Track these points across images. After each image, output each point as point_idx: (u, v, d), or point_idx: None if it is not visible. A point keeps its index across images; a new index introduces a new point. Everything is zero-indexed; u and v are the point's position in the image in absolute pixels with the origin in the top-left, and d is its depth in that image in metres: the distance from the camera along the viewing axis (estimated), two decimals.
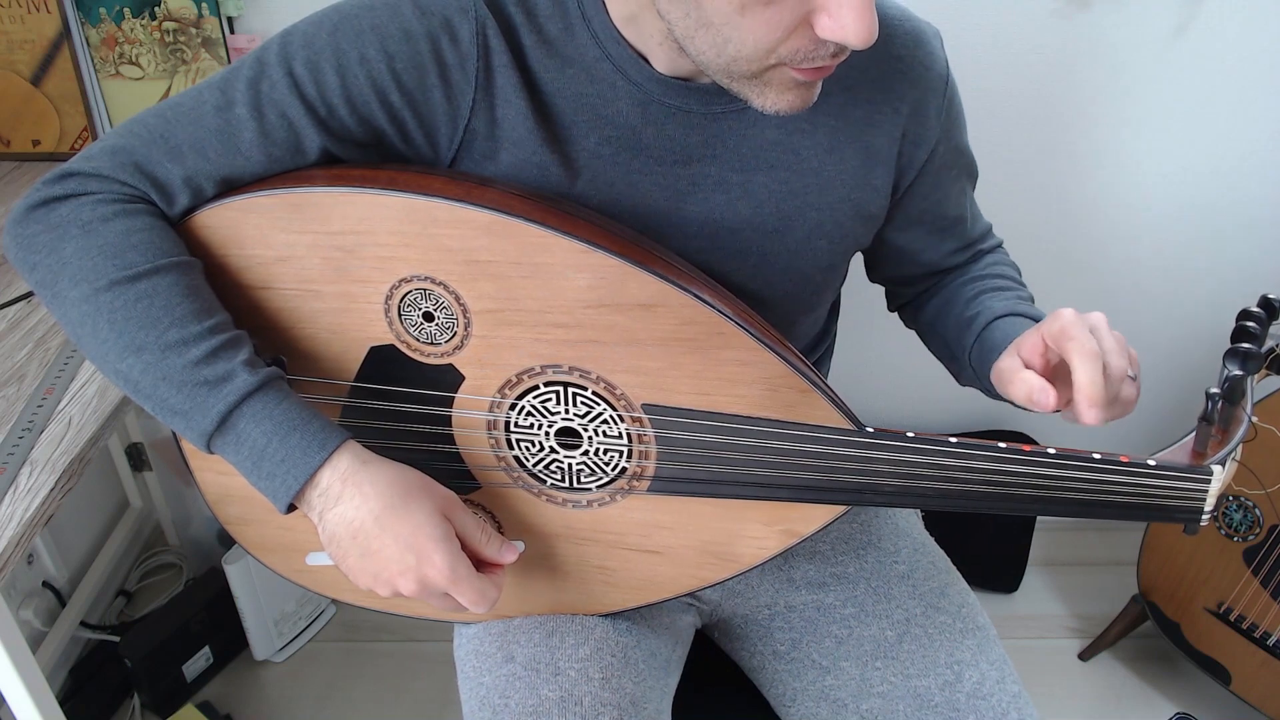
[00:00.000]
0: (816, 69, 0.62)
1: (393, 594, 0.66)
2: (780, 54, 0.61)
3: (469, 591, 0.65)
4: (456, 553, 0.65)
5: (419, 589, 0.65)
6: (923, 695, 0.81)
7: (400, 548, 0.64)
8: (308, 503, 0.65)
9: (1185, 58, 1.40)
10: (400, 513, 0.64)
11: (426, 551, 0.64)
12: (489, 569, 0.69)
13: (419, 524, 0.64)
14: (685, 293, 0.68)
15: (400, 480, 0.66)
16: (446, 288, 0.69)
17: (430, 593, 0.66)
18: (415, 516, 0.65)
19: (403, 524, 0.64)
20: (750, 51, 0.61)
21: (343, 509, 0.64)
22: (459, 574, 0.65)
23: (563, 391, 0.72)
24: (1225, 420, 0.68)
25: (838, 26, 0.58)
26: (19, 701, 0.93)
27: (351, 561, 0.66)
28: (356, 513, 0.64)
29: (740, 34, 0.60)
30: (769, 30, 0.59)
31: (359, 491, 0.64)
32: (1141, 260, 1.61)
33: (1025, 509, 0.69)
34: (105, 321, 0.65)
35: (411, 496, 0.65)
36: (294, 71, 0.68)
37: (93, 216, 0.67)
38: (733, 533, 0.77)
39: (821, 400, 0.70)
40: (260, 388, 0.64)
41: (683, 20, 0.62)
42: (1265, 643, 1.37)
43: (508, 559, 0.70)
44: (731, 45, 0.61)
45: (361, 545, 0.65)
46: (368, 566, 0.65)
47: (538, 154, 0.72)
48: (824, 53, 0.61)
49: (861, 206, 0.80)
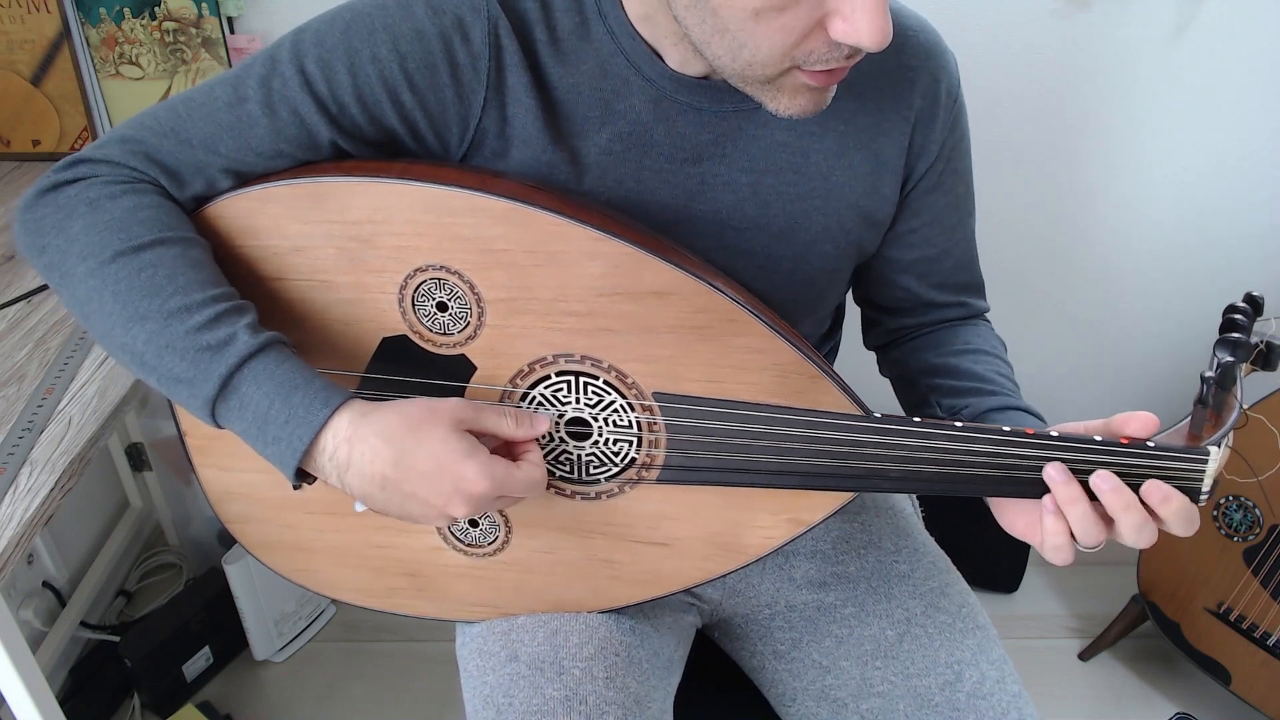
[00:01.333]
0: (829, 72, 0.63)
1: (451, 522, 0.66)
2: (795, 57, 0.62)
3: (516, 485, 0.66)
4: (486, 459, 0.65)
5: (471, 507, 0.65)
6: (923, 695, 0.81)
7: (431, 481, 0.63)
8: (321, 470, 0.64)
9: (1186, 58, 1.41)
10: (413, 450, 0.63)
11: (458, 473, 0.64)
12: (523, 448, 0.69)
13: (434, 452, 0.64)
14: (699, 280, 0.68)
15: (402, 419, 0.64)
16: (461, 277, 0.70)
17: (483, 505, 0.65)
18: (429, 446, 0.64)
19: (421, 459, 0.63)
20: (765, 56, 0.61)
21: (359, 467, 0.64)
22: (498, 476, 0.64)
23: (574, 381, 0.72)
24: (1219, 405, 0.70)
25: (852, 29, 0.58)
26: (19, 701, 0.93)
27: (396, 509, 0.65)
28: (373, 466, 0.63)
29: (755, 39, 0.60)
30: (784, 35, 0.60)
31: (367, 446, 0.63)
32: (1141, 258, 1.61)
33: (1029, 492, 0.69)
34: (110, 293, 0.65)
35: (418, 429, 0.64)
36: (306, 69, 0.68)
37: (100, 194, 0.67)
38: (740, 522, 0.77)
39: (831, 386, 0.70)
40: (262, 349, 0.64)
41: (699, 26, 0.62)
42: (1265, 643, 1.38)
43: (540, 429, 0.69)
44: (747, 50, 0.61)
45: (396, 492, 0.64)
46: (413, 508, 0.65)
47: (547, 152, 0.72)
48: (838, 55, 0.62)
49: (868, 213, 0.80)
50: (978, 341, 0.89)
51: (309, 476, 0.65)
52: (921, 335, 0.92)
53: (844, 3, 0.58)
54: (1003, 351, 0.90)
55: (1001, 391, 0.83)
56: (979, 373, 0.85)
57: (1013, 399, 0.82)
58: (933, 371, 0.88)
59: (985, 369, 0.85)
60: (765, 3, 0.58)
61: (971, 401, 0.82)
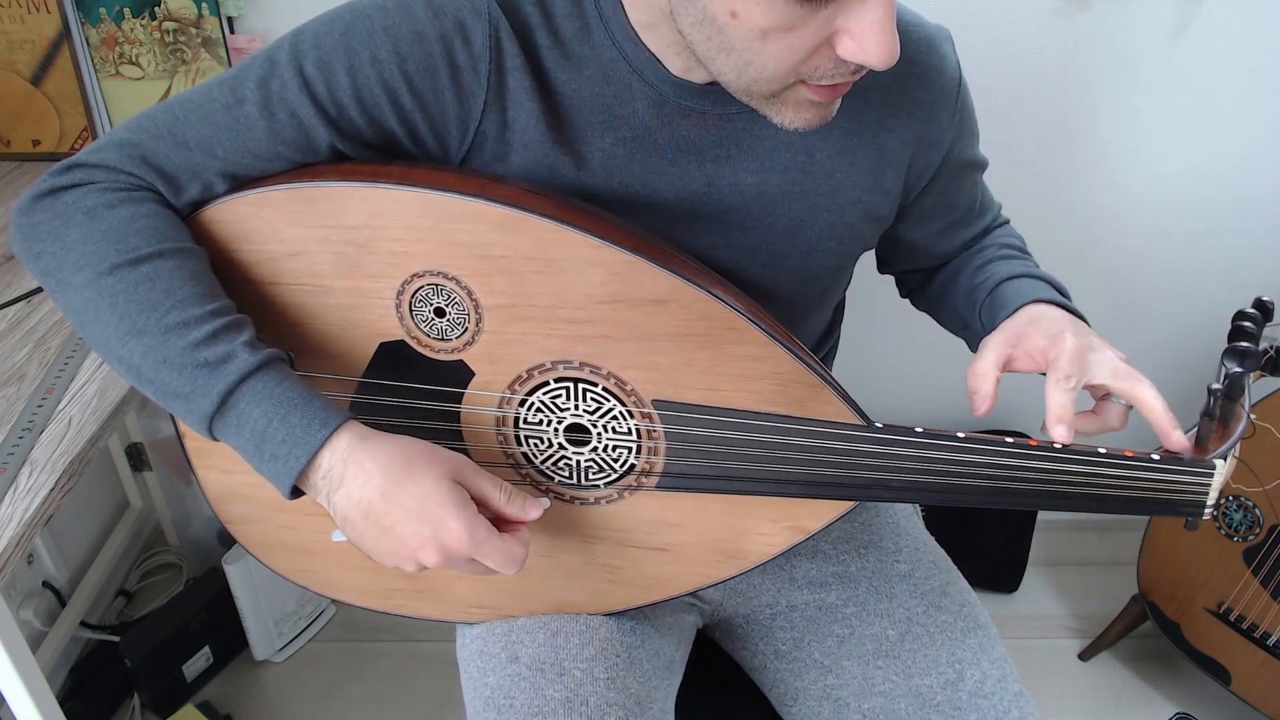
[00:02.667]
0: (834, 86, 0.63)
1: (418, 568, 0.64)
2: (801, 73, 0.62)
3: (494, 553, 0.64)
4: (473, 515, 0.64)
5: (442, 559, 0.64)
6: (924, 694, 0.81)
7: (413, 520, 0.63)
8: (313, 486, 0.65)
9: (1185, 57, 1.41)
10: (405, 485, 0.63)
11: (440, 519, 0.63)
12: (511, 527, 0.68)
13: (426, 492, 0.63)
14: (698, 288, 0.68)
15: (402, 452, 0.64)
16: (459, 283, 0.69)
17: (454, 561, 0.64)
18: (421, 485, 0.63)
19: (409, 496, 0.63)
20: (771, 73, 0.61)
21: (348, 490, 0.63)
22: (479, 537, 0.63)
23: (573, 387, 0.72)
24: (1225, 416, 0.70)
25: (860, 49, 0.58)
26: (19, 701, 0.93)
27: (370, 542, 0.65)
28: (362, 491, 0.63)
29: (762, 58, 0.60)
30: (791, 54, 0.60)
31: (361, 470, 0.63)
32: (1142, 259, 1.61)
33: (1031, 503, 0.69)
34: (107, 305, 0.65)
35: (415, 466, 0.64)
36: (304, 71, 0.68)
37: (98, 203, 0.67)
38: (740, 529, 0.77)
39: (832, 396, 0.70)
40: (260, 368, 0.64)
41: (704, 42, 0.62)
42: (1265, 643, 1.38)
43: (531, 515, 0.68)
44: (753, 68, 0.61)
45: (375, 524, 0.64)
46: (386, 545, 0.64)
47: (549, 156, 0.71)
48: (844, 71, 0.61)
49: (872, 209, 0.80)
50: (989, 244, 0.92)
51: (300, 491, 0.65)
52: (948, 265, 0.94)
53: (852, 22, 0.58)
54: (1005, 238, 0.92)
55: (999, 270, 0.85)
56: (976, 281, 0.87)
57: (1008, 268, 0.85)
58: (956, 297, 0.91)
59: (986, 265, 0.88)
60: (773, 22, 0.58)
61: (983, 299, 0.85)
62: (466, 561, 0.65)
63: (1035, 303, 0.78)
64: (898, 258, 0.94)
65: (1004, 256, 0.88)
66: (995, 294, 0.83)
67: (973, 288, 0.86)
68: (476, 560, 0.65)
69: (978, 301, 0.85)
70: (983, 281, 0.85)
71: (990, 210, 0.93)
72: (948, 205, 0.86)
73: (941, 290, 0.93)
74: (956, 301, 0.90)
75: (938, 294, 0.94)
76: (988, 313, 0.83)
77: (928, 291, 0.96)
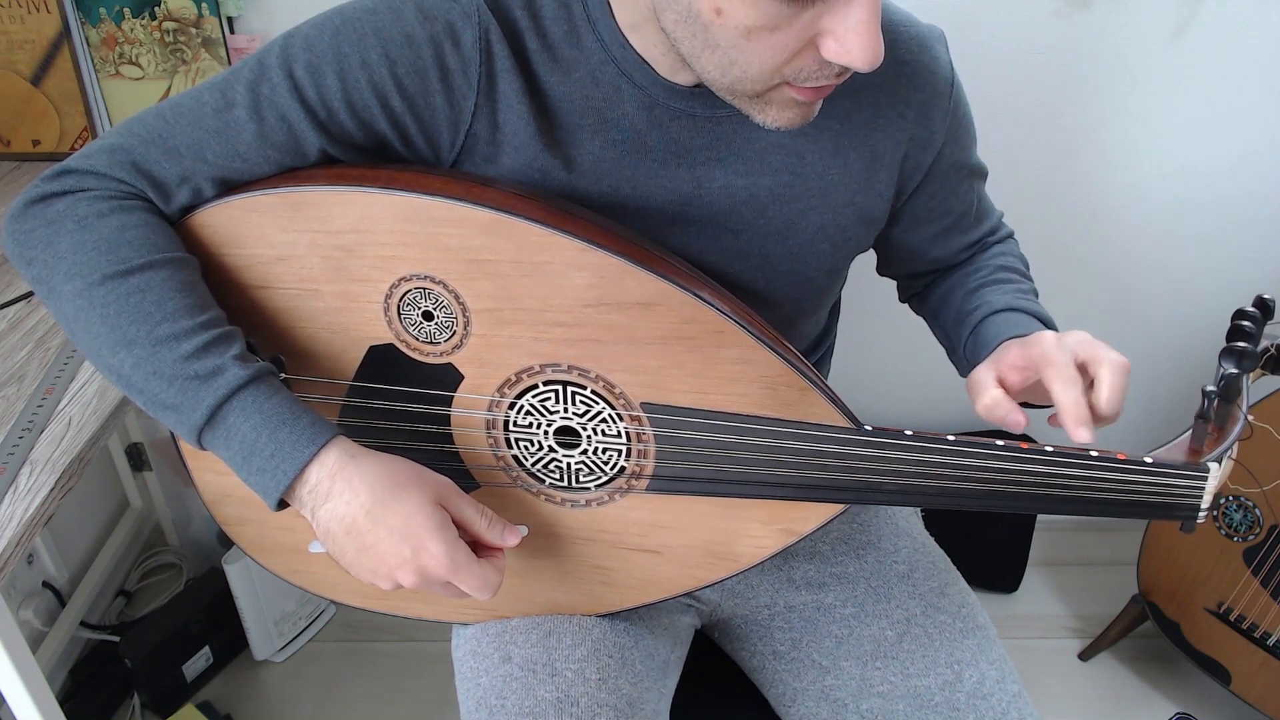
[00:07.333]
0: (818, 88, 0.63)
1: (394, 587, 0.65)
2: (785, 74, 0.62)
3: (470, 578, 0.65)
4: (453, 540, 0.65)
5: (419, 580, 0.65)
6: (923, 695, 0.81)
7: (395, 539, 0.64)
8: (299, 499, 0.65)
9: (1185, 57, 1.40)
10: (391, 504, 0.64)
11: (421, 541, 0.64)
12: (490, 554, 0.68)
13: (410, 514, 0.64)
14: (685, 291, 0.68)
15: (389, 472, 0.65)
16: (446, 287, 0.69)
17: (431, 583, 0.65)
18: (406, 506, 0.64)
19: (394, 515, 0.64)
20: (755, 73, 0.61)
21: (333, 505, 0.64)
22: (458, 561, 0.64)
23: (562, 390, 0.72)
24: (1221, 418, 0.69)
25: (844, 50, 0.58)
26: (19, 701, 0.93)
27: (349, 558, 0.65)
28: (347, 508, 0.64)
29: (746, 57, 0.60)
30: (775, 54, 0.60)
31: (348, 486, 0.64)
32: (1141, 259, 1.61)
33: (1023, 506, 0.69)
34: (98, 316, 0.65)
35: (402, 487, 0.65)
36: (294, 74, 0.68)
37: (88, 212, 0.67)
38: (731, 532, 0.77)
39: (820, 399, 0.70)
40: (250, 382, 0.64)
41: (689, 40, 0.62)
42: (1265, 643, 1.37)
43: (509, 542, 0.69)
44: (737, 67, 0.61)
45: (356, 540, 0.64)
46: (365, 561, 0.65)
47: (539, 158, 0.71)
48: (828, 73, 0.62)
49: (864, 210, 0.80)
50: (988, 264, 0.90)
51: (286, 504, 0.66)
52: (946, 279, 0.93)
53: (837, 23, 0.58)
54: (1006, 259, 0.90)
55: (990, 299, 0.84)
56: (973, 304, 0.86)
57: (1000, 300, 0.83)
58: (947, 318, 0.90)
59: (980, 290, 0.86)
60: (757, 21, 0.58)
61: (975, 325, 0.84)
62: (442, 584, 0.66)
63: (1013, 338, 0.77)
64: (895, 261, 0.93)
65: (998, 281, 0.87)
66: (979, 330, 0.82)
67: (963, 314, 0.86)
68: (452, 584, 0.65)
69: (963, 336, 0.85)
70: (974, 310, 0.84)
71: (989, 218, 0.92)
72: (942, 209, 0.86)
73: (936, 307, 0.93)
74: (947, 324, 0.90)
75: (932, 311, 0.94)
76: (971, 349, 0.83)
77: (926, 305, 0.95)
